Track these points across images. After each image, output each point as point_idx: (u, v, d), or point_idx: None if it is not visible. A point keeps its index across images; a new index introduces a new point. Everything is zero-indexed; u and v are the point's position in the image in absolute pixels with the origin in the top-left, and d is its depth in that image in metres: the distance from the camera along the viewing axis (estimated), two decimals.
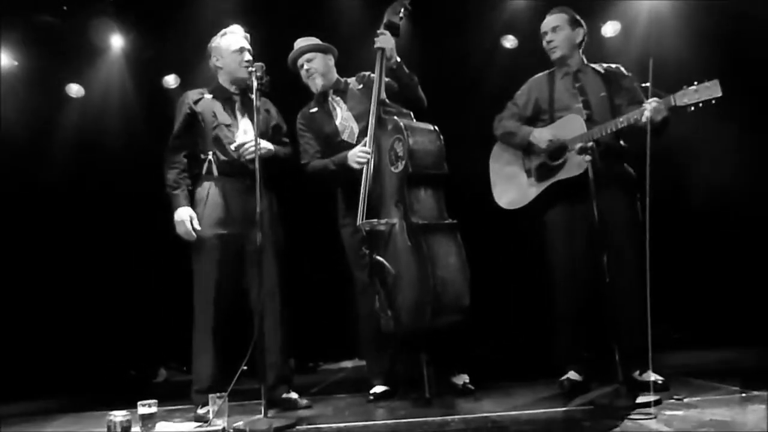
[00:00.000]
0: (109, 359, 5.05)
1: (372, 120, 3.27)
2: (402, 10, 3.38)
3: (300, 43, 3.56)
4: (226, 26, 3.51)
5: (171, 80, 5.28)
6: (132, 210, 5.08)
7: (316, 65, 3.49)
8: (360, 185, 3.24)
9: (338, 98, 3.53)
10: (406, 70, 3.39)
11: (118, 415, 2.69)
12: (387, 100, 3.35)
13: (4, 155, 4.86)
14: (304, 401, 3.31)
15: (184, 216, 3.25)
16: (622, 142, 3.21)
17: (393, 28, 3.36)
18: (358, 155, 3.27)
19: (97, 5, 4.80)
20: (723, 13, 4.52)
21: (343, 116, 3.49)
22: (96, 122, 5.25)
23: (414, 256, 3.04)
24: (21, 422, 3.58)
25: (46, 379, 4.71)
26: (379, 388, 3.40)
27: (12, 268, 4.92)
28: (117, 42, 5.06)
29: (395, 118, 3.24)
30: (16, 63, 4.99)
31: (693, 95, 2.77)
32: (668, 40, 4.71)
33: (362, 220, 3.19)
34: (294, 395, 3.33)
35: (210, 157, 3.33)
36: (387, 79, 3.39)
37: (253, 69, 3.05)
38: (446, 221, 3.19)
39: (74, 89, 5.23)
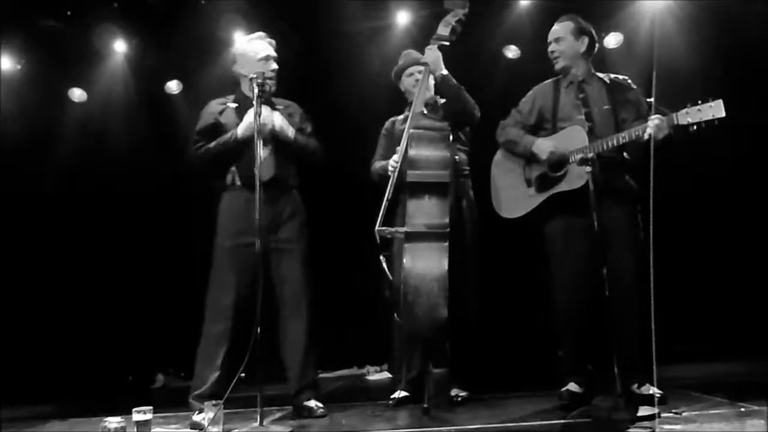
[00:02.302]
0: (108, 365, 5.02)
1: (407, 131, 3.27)
2: (454, 23, 3.31)
3: (412, 54, 3.64)
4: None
5: (173, 86, 5.29)
6: (132, 215, 5.08)
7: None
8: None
9: None
10: (452, 83, 3.36)
11: (113, 422, 2.68)
12: (425, 112, 3.36)
13: (5, 158, 4.86)
14: (320, 409, 3.27)
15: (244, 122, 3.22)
16: (625, 154, 3.18)
17: (442, 41, 3.33)
18: (391, 164, 3.40)
19: (101, 11, 4.80)
20: (726, 23, 4.52)
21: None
22: (98, 127, 5.23)
23: (401, 265, 3.06)
24: (17, 427, 3.57)
25: (43, 384, 4.68)
26: (399, 393, 3.42)
27: (11, 273, 4.90)
28: (120, 47, 5.06)
29: (412, 129, 3.22)
30: (19, 67, 5.00)
31: (696, 115, 2.75)
32: (672, 51, 4.69)
33: (378, 226, 3.21)
34: (312, 403, 3.29)
35: (233, 168, 3.32)
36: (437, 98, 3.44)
37: (254, 76, 3.05)
38: (434, 231, 3.07)
39: (77, 94, 5.23)
